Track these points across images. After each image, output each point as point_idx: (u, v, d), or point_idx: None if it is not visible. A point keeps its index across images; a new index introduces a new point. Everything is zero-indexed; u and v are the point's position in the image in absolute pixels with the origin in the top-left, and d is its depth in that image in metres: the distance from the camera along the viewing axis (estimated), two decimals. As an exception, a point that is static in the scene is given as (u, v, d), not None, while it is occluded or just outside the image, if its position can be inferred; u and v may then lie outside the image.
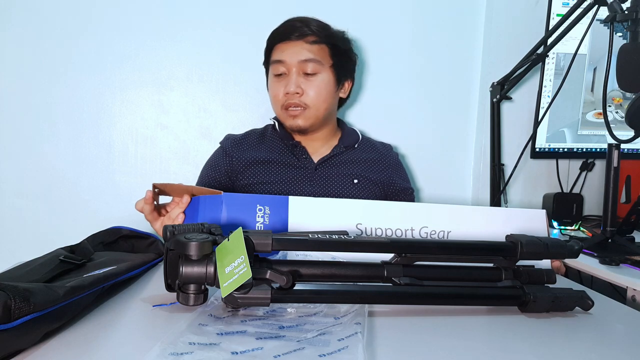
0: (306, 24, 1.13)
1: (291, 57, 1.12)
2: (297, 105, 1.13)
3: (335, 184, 1.14)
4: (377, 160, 1.21)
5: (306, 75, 1.13)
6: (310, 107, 1.14)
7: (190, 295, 0.57)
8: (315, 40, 1.13)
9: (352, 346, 0.49)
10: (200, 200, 0.78)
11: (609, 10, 0.96)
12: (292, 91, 1.12)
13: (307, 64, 1.12)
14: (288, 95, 1.13)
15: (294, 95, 1.12)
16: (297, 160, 1.16)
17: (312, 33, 1.13)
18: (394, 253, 0.64)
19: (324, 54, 1.15)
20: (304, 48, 1.12)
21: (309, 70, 1.13)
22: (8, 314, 0.45)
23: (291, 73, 1.13)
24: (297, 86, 1.12)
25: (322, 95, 1.15)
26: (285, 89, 1.12)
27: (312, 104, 1.13)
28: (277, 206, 0.75)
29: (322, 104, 1.15)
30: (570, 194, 1.52)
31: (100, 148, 1.37)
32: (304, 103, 1.13)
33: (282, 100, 1.14)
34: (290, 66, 1.13)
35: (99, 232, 0.82)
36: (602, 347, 0.57)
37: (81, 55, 1.34)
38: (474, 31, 1.49)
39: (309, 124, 1.15)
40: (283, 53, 1.13)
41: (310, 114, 1.14)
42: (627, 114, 0.91)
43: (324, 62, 1.14)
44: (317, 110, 1.15)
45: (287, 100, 1.13)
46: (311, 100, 1.13)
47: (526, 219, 0.79)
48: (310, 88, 1.13)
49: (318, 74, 1.14)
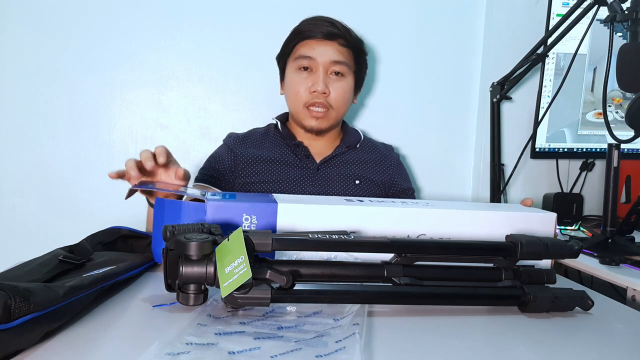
0: (335, 25, 1.13)
1: (322, 56, 1.12)
2: (322, 105, 1.12)
3: (337, 185, 1.14)
4: (378, 161, 1.22)
5: (334, 76, 1.13)
6: (333, 109, 1.14)
7: (190, 295, 0.57)
8: (345, 44, 1.14)
9: (350, 347, 0.49)
10: (182, 206, 0.74)
11: (609, 10, 0.96)
12: (320, 90, 1.11)
13: (337, 65, 1.13)
14: (315, 94, 1.12)
15: (321, 95, 1.12)
16: (299, 160, 1.16)
17: (342, 35, 1.13)
18: (394, 253, 0.64)
19: (350, 58, 1.16)
20: (336, 49, 1.13)
21: (339, 70, 1.13)
22: (8, 314, 0.45)
23: (319, 71, 1.12)
24: (326, 85, 1.11)
25: (345, 99, 1.16)
26: (313, 87, 1.11)
27: (335, 105, 1.14)
28: (265, 214, 0.70)
29: (342, 107, 1.16)
30: (570, 194, 1.52)
31: (100, 148, 1.37)
32: (328, 103, 1.13)
33: (306, 97, 1.13)
34: (319, 65, 1.12)
35: (98, 232, 0.82)
36: (602, 347, 0.57)
37: (81, 55, 1.34)
38: (474, 31, 1.49)
39: (328, 125, 1.16)
40: (314, 50, 1.12)
41: (332, 115, 1.15)
42: (627, 114, 0.91)
43: (350, 66, 1.16)
44: (338, 113, 1.16)
45: (313, 98, 1.12)
46: (335, 102, 1.13)
47: (536, 221, 0.78)
48: (335, 89, 1.13)
49: (344, 77, 1.14)
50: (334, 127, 1.20)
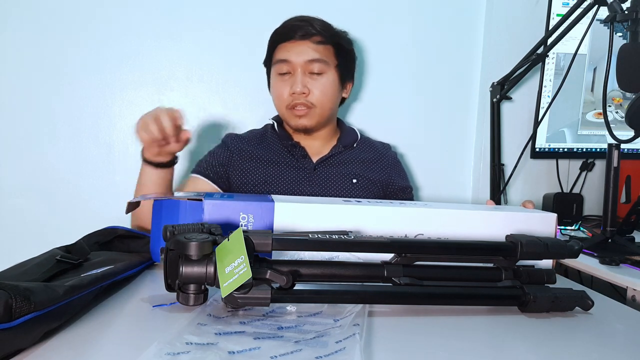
0: (310, 24, 1.13)
1: (297, 57, 1.12)
2: (304, 105, 1.12)
3: (334, 184, 1.14)
4: (375, 160, 1.22)
5: (312, 75, 1.13)
6: (316, 107, 1.13)
7: (190, 295, 0.57)
8: (321, 40, 1.13)
9: (350, 347, 0.49)
10: (180, 205, 0.74)
11: (609, 10, 0.96)
12: (299, 91, 1.11)
13: (314, 63, 1.12)
14: (294, 95, 1.12)
15: (300, 95, 1.12)
16: (296, 160, 1.16)
17: (318, 33, 1.13)
18: (394, 253, 0.64)
19: (329, 54, 1.15)
20: (310, 48, 1.12)
21: (316, 70, 1.12)
22: (9, 313, 0.45)
23: (297, 73, 1.12)
24: (304, 86, 1.11)
25: (328, 95, 1.15)
26: (292, 88, 1.12)
27: (318, 103, 1.13)
28: (261, 213, 0.70)
29: (327, 104, 1.15)
30: (570, 194, 1.52)
31: (100, 148, 1.36)
32: (310, 103, 1.13)
33: (287, 100, 1.13)
34: (296, 66, 1.12)
35: (94, 232, 0.82)
36: (602, 347, 0.57)
37: (81, 55, 1.34)
38: (474, 31, 1.49)
39: (314, 122, 1.15)
40: (288, 52, 1.12)
41: (316, 113, 1.14)
42: (627, 114, 0.91)
43: (330, 62, 1.14)
44: (323, 109, 1.15)
45: (293, 100, 1.12)
46: (317, 100, 1.13)
47: (537, 221, 0.78)
48: (316, 88, 1.13)
49: (324, 74, 1.14)
50: (324, 125, 1.19)
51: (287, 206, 0.70)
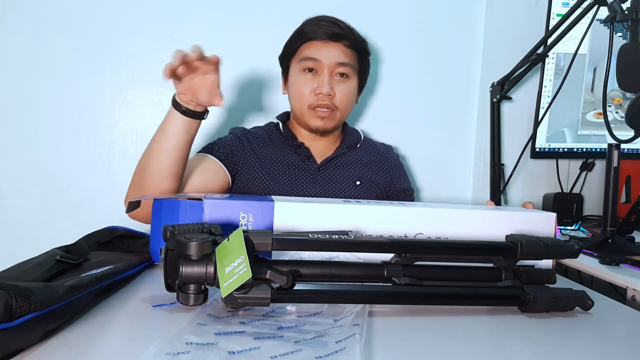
0: (340, 26, 1.13)
1: (328, 58, 1.11)
2: (328, 106, 1.12)
3: (338, 186, 1.14)
4: (378, 162, 1.22)
5: (338, 78, 1.13)
6: (338, 110, 1.14)
7: (190, 295, 0.57)
8: (350, 45, 1.14)
9: (350, 347, 0.49)
10: (180, 204, 0.74)
11: (609, 10, 0.96)
12: (326, 92, 1.11)
13: (343, 67, 1.12)
14: (320, 96, 1.11)
15: (326, 97, 1.11)
16: (300, 161, 1.16)
17: (347, 36, 1.13)
18: (394, 253, 0.64)
19: (354, 59, 1.16)
20: (340, 50, 1.12)
21: (344, 73, 1.13)
22: (10, 313, 0.45)
23: (324, 73, 1.12)
24: (331, 88, 1.11)
25: (350, 100, 1.16)
26: (318, 88, 1.11)
27: (340, 107, 1.14)
28: (261, 213, 0.70)
29: (347, 108, 1.16)
30: (570, 194, 1.52)
31: (100, 148, 1.36)
32: (334, 105, 1.13)
33: (310, 98, 1.12)
34: (324, 66, 1.11)
35: (94, 232, 0.82)
36: (602, 347, 0.57)
37: (81, 55, 1.33)
38: (474, 31, 1.49)
39: (333, 125, 1.16)
40: (319, 52, 1.12)
41: (337, 116, 1.15)
42: (627, 114, 0.91)
43: (355, 67, 1.15)
44: (343, 113, 1.16)
45: (318, 100, 1.12)
46: (340, 103, 1.13)
47: (536, 221, 0.78)
48: (341, 91, 1.13)
49: (350, 78, 1.14)
50: (338, 128, 1.20)
51: (287, 206, 0.70)
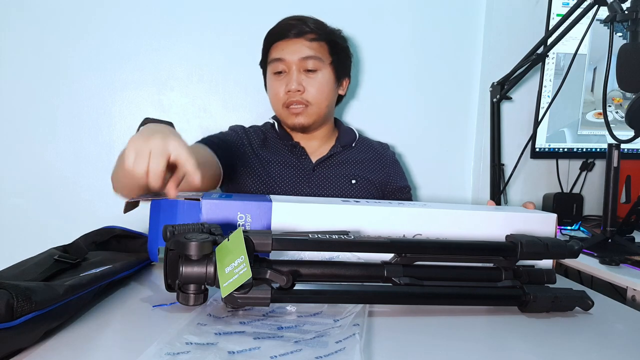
0: (303, 22, 1.13)
1: (291, 55, 1.12)
2: (299, 102, 1.13)
3: (333, 185, 1.14)
4: (374, 160, 1.22)
5: (307, 73, 1.13)
6: (312, 104, 1.14)
7: (190, 295, 0.57)
8: (315, 38, 1.13)
9: (349, 348, 0.49)
10: (178, 204, 0.74)
11: (609, 10, 0.96)
12: (294, 89, 1.11)
13: (308, 61, 1.12)
14: (290, 93, 1.12)
15: (295, 93, 1.12)
16: (296, 160, 1.16)
17: (311, 30, 1.13)
18: (394, 253, 0.64)
19: (323, 51, 1.15)
20: (304, 45, 1.12)
21: (310, 67, 1.12)
22: (11, 313, 0.45)
23: (291, 71, 1.12)
24: (299, 84, 1.12)
25: (324, 92, 1.15)
26: (287, 87, 1.12)
27: (314, 101, 1.13)
28: (259, 213, 0.70)
29: (323, 101, 1.15)
30: (570, 194, 1.52)
31: (100, 148, 1.36)
32: (305, 100, 1.13)
33: (283, 98, 1.14)
34: (291, 64, 1.12)
35: (91, 231, 0.82)
36: (602, 347, 0.57)
37: (81, 55, 1.34)
38: (474, 31, 1.49)
39: (311, 121, 1.15)
40: (283, 51, 1.13)
41: (312, 111, 1.14)
42: (627, 114, 0.91)
43: (324, 59, 1.15)
44: (319, 107, 1.15)
45: (289, 98, 1.13)
46: (313, 97, 1.13)
47: (537, 221, 0.77)
48: (311, 85, 1.13)
49: (318, 71, 1.14)
50: (322, 123, 1.19)
51: (285, 206, 0.70)
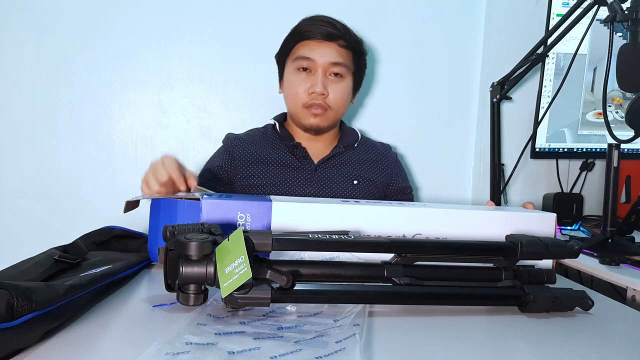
0: (335, 26, 1.13)
1: (322, 57, 1.12)
2: (320, 106, 1.13)
3: (335, 185, 1.14)
4: (376, 160, 1.22)
5: (332, 77, 1.13)
6: (332, 109, 1.14)
7: (190, 295, 0.57)
8: (345, 45, 1.14)
9: (350, 348, 0.49)
10: (178, 204, 0.75)
11: (609, 10, 0.96)
12: (319, 91, 1.11)
13: (337, 66, 1.13)
14: (313, 95, 1.12)
15: (319, 96, 1.12)
16: (297, 161, 1.16)
17: (342, 36, 1.13)
18: (394, 253, 0.64)
19: (349, 59, 1.16)
20: (334, 50, 1.13)
21: (338, 72, 1.13)
22: (11, 313, 0.45)
23: (317, 72, 1.12)
24: (325, 87, 1.12)
25: (344, 99, 1.16)
26: (311, 88, 1.12)
27: (334, 106, 1.14)
28: (259, 213, 0.70)
29: (341, 108, 1.17)
30: (570, 194, 1.52)
31: (100, 148, 1.37)
32: (327, 104, 1.13)
33: (304, 98, 1.13)
34: (318, 66, 1.12)
35: (91, 231, 0.82)
36: (602, 347, 0.57)
37: (81, 55, 1.34)
38: (474, 31, 1.49)
39: (326, 124, 1.16)
40: (313, 51, 1.12)
41: (331, 115, 1.15)
42: (627, 114, 0.91)
43: (350, 67, 1.16)
44: (337, 113, 1.16)
45: (311, 99, 1.13)
46: (334, 103, 1.14)
47: (537, 221, 0.77)
48: (334, 91, 1.13)
49: (344, 78, 1.15)
50: (332, 127, 1.20)
51: (285, 206, 0.71)
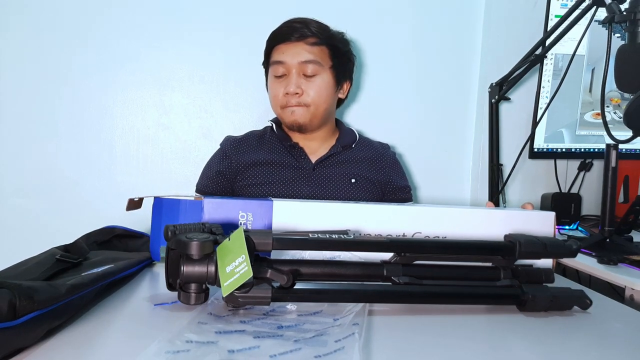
0: (306, 25, 1.13)
1: (291, 58, 1.13)
2: (297, 105, 1.14)
3: (333, 184, 1.15)
4: (374, 159, 1.22)
5: (306, 77, 1.14)
6: (310, 106, 1.14)
7: (191, 294, 0.57)
8: (316, 42, 1.14)
9: (349, 347, 0.49)
10: (180, 203, 0.75)
11: (607, 11, 0.96)
12: (292, 91, 1.12)
13: (307, 65, 1.13)
14: (288, 96, 1.13)
15: (293, 96, 1.13)
16: (295, 161, 1.17)
17: (313, 34, 1.14)
18: (394, 252, 0.65)
19: (324, 55, 1.15)
20: (304, 49, 1.13)
21: (309, 71, 1.13)
22: (13, 312, 0.45)
23: (291, 74, 1.13)
24: (297, 87, 1.13)
25: (322, 96, 1.15)
26: (285, 89, 1.13)
27: (312, 103, 1.14)
28: (260, 212, 0.71)
29: (322, 104, 1.16)
30: (569, 194, 1.53)
31: (102, 148, 1.37)
32: (303, 103, 1.14)
33: (282, 100, 1.15)
34: (290, 67, 1.13)
35: (93, 231, 0.82)
36: (600, 346, 0.57)
37: (83, 55, 1.34)
38: (472, 32, 1.50)
39: (307, 120, 1.16)
40: (283, 54, 1.14)
41: (310, 111, 1.15)
42: (625, 115, 0.91)
43: (324, 63, 1.15)
44: (317, 109, 1.16)
45: (287, 100, 1.14)
46: (311, 100, 1.14)
47: (535, 221, 0.77)
48: (310, 88, 1.14)
49: (318, 75, 1.14)
50: (321, 125, 1.20)
51: (286, 205, 0.71)
